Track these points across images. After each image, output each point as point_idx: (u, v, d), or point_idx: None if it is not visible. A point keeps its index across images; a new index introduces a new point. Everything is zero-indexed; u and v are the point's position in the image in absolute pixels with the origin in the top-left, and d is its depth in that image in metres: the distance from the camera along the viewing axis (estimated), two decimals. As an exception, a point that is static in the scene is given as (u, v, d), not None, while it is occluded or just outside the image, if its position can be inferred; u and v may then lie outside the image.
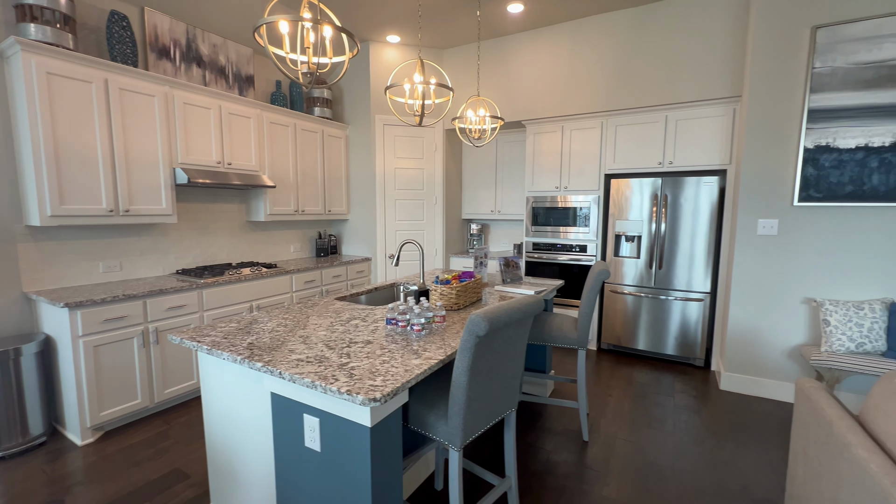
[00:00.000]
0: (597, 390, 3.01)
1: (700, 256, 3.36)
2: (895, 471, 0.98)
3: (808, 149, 2.65)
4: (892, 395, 1.19)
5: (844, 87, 2.53)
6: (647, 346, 3.63)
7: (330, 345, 1.51)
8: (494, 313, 1.24)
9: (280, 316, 1.92)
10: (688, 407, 2.76)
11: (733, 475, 2.05)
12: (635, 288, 3.65)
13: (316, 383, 1.18)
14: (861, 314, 2.48)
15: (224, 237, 3.52)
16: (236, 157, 3.25)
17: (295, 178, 3.79)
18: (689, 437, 2.39)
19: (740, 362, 2.99)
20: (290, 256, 4.14)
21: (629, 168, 3.62)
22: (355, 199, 4.42)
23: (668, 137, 3.44)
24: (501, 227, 4.95)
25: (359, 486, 1.21)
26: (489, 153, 4.67)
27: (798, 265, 2.76)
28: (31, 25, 2.24)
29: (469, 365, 1.26)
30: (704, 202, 3.30)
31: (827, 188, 2.62)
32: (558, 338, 2.33)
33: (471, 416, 1.33)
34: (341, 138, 4.30)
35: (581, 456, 2.21)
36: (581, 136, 3.81)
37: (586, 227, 3.84)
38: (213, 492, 1.76)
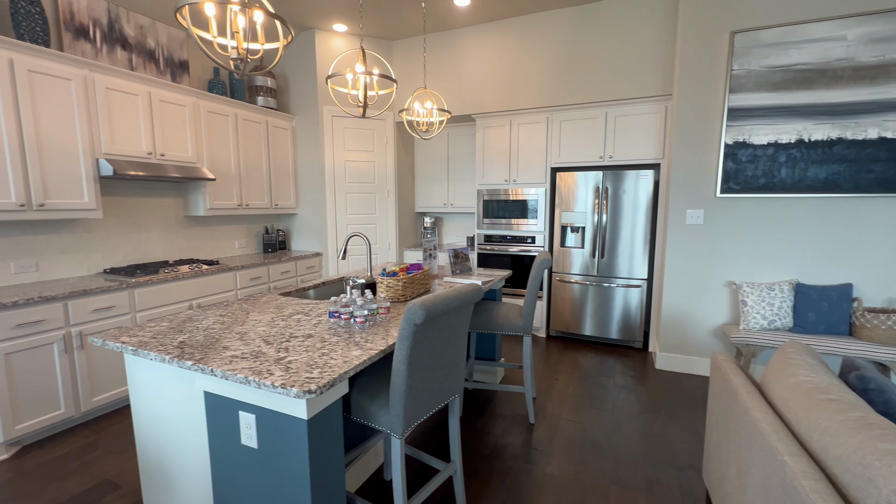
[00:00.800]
0: (544, 375, 3.14)
1: (639, 245, 3.57)
2: (781, 428, 1.11)
3: (728, 144, 2.89)
4: (782, 364, 1.34)
5: (758, 88, 2.78)
6: (592, 331, 3.82)
7: (268, 340, 1.47)
8: (431, 302, 1.27)
9: (217, 313, 1.85)
10: (626, 386, 2.95)
11: (662, 446, 2.22)
12: (581, 277, 3.82)
13: (250, 379, 1.15)
14: (772, 294, 2.76)
15: (159, 233, 3.30)
16: (170, 148, 3.05)
17: (237, 171, 3.62)
18: (626, 414, 2.56)
19: (673, 342, 3.23)
20: (234, 253, 3.96)
21: (573, 162, 3.78)
22: (304, 193, 4.29)
23: (609, 133, 3.62)
24: (455, 220, 5.00)
25: (298, 481, 1.20)
26: (441, 146, 4.69)
27: (721, 251, 3.01)
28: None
29: (408, 353, 1.28)
30: (642, 194, 3.51)
31: (744, 181, 2.87)
32: (504, 326, 2.40)
33: (412, 403, 1.35)
34: (287, 129, 4.15)
35: (527, 438, 2.31)
36: (528, 130, 3.92)
37: (535, 219, 3.97)
38: (146, 500, 1.67)
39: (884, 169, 2.57)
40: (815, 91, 2.66)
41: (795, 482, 0.92)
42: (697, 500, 1.82)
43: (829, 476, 0.95)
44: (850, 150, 2.62)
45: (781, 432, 1.09)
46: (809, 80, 2.67)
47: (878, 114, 2.55)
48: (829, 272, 2.77)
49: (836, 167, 2.66)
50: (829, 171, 2.68)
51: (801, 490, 0.89)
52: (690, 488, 1.89)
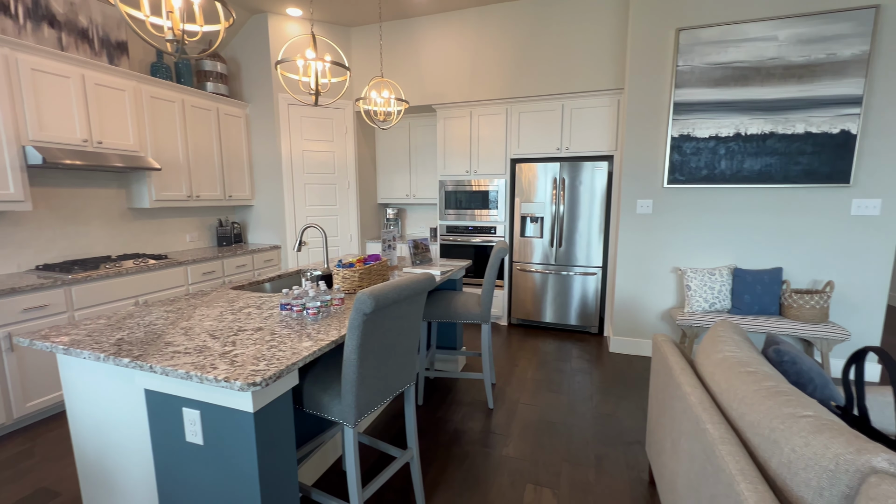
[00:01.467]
0: (505, 362, 3.22)
1: (595, 234, 3.71)
2: (707, 400, 1.20)
3: (674, 137, 3.03)
4: (712, 342, 1.44)
5: (700, 83, 2.93)
6: (552, 318, 3.95)
7: (215, 335, 1.43)
8: (381, 291, 1.27)
9: (161, 309, 1.77)
10: (582, 370, 3.08)
11: (612, 424, 2.34)
12: (541, 266, 3.92)
13: (192, 374, 1.12)
14: (713, 279, 2.94)
15: (100, 227, 3.10)
16: (108, 135, 2.86)
17: (186, 160, 3.44)
18: (580, 396, 2.67)
19: (625, 327, 3.39)
20: (185, 247, 3.78)
21: (532, 153, 3.85)
22: (260, 184, 4.14)
23: (565, 125, 3.71)
24: (417, 212, 4.99)
25: (246, 475, 1.18)
26: (402, 137, 4.65)
27: (668, 239, 3.18)
28: None
29: (358, 343, 1.28)
30: (597, 185, 3.63)
31: (688, 172, 3.03)
32: (463, 314, 2.44)
33: (364, 392, 1.36)
34: (240, 117, 3.98)
35: (486, 423, 2.37)
36: (488, 121, 3.95)
37: (496, 209, 4.03)
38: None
39: (809, 161, 2.78)
40: (750, 88, 2.84)
41: (714, 447, 1.00)
42: (641, 472, 1.94)
43: (743, 440, 1.04)
44: (781, 143, 2.82)
45: (706, 403, 1.18)
46: (746, 78, 2.84)
47: (804, 110, 2.75)
48: (762, 257, 2.98)
49: (768, 159, 2.86)
50: (762, 163, 2.87)
51: (719, 454, 0.98)
52: (636, 462, 2.01)
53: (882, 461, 0.74)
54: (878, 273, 2.77)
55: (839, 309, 2.87)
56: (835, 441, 0.81)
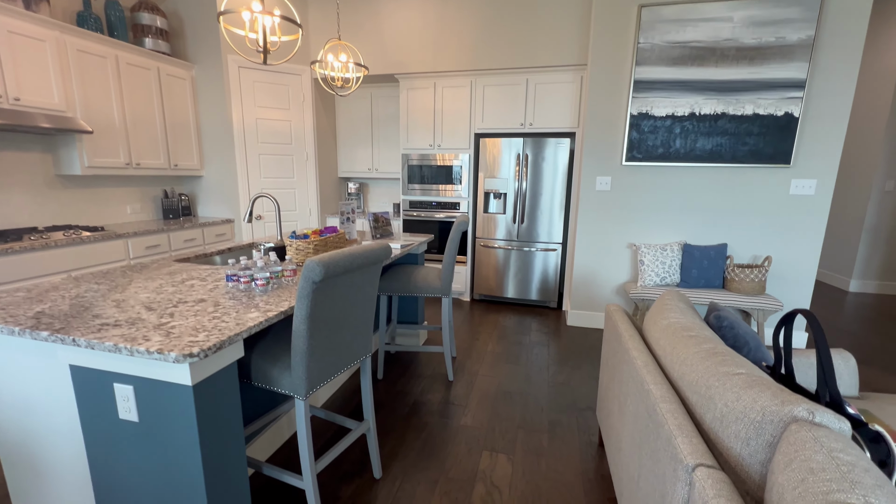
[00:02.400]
0: (466, 336, 3.25)
1: (556, 211, 3.76)
2: (651, 363, 1.25)
3: (633, 115, 3.09)
4: (660, 309, 1.50)
5: (659, 62, 2.97)
6: (514, 293, 4.01)
7: (151, 307, 1.33)
8: (332, 259, 1.22)
9: (91, 282, 1.63)
10: (540, 342, 3.16)
11: (566, 392, 2.43)
12: (504, 242, 3.95)
13: (120, 346, 1.03)
14: (665, 254, 3.07)
15: (23, 195, 2.80)
16: (27, 92, 2.56)
17: (123, 125, 3.15)
18: (537, 367, 2.75)
19: (582, 301, 3.50)
20: (126, 219, 3.51)
21: (496, 128, 3.81)
22: (210, 153, 3.88)
23: (529, 100, 3.69)
24: (380, 187, 4.87)
25: (188, 453, 1.12)
26: (363, 107, 4.47)
27: (625, 215, 3.27)
28: None
29: (308, 313, 1.22)
30: (560, 162, 3.66)
31: (645, 150, 3.11)
32: (423, 287, 2.42)
33: (315, 364, 1.31)
34: (186, 80, 3.67)
35: (445, 394, 2.39)
36: (452, 93, 3.86)
37: (460, 185, 3.99)
38: (13, 493, 1.48)
39: (755, 142, 2.92)
40: (706, 68, 2.91)
41: (656, 406, 1.05)
42: (592, 435, 2.03)
43: (683, 399, 1.09)
44: (731, 124, 2.93)
45: (651, 366, 1.22)
46: (702, 58, 2.91)
47: (754, 92, 2.86)
48: (710, 234, 3.14)
49: (719, 139, 2.97)
50: (714, 143, 2.98)
51: (660, 412, 1.02)
52: (587, 426, 2.10)
53: (802, 410, 0.78)
54: (810, 249, 2.98)
55: (774, 282, 3.08)
56: (762, 395, 0.86)
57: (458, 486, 1.68)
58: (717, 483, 0.76)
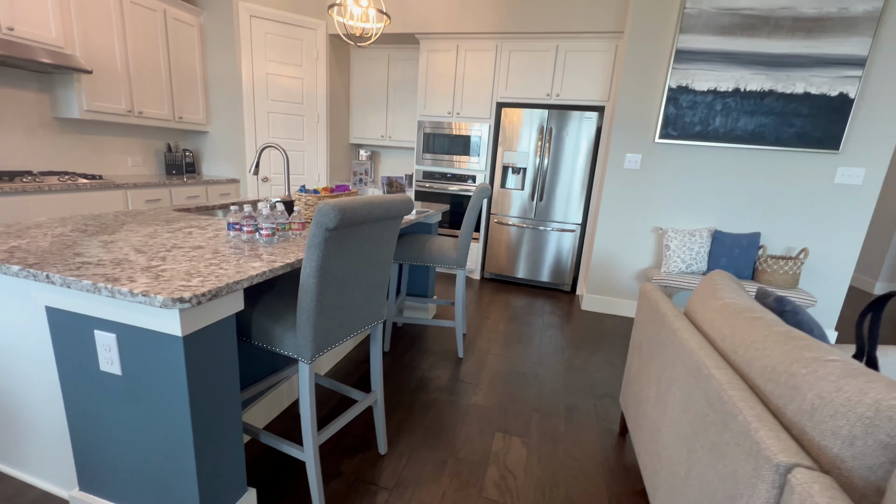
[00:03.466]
0: (476, 314, 3.11)
1: (576, 190, 3.57)
2: (707, 346, 1.09)
3: (671, 88, 2.86)
4: (709, 289, 1.33)
5: (706, 30, 2.73)
6: (525, 274, 3.85)
7: (141, 249, 1.18)
8: (349, 205, 1.05)
9: (81, 222, 1.48)
10: (553, 325, 3.02)
11: (583, 377, 2.30)
12: (518, 219, 3.77)
13: (100, 286, 0.88)
14: (692, 240, 2.89)
15: (17, 136, 2.64)
16: (22, 22, 2.36)
17: (126, 68, 2.95)
18: (551, 349, 2.61)
19: (599, 285, 3.34)
20: (126, 171, 3.35)
21: (520, 98, 3.59)
22: (217, 108, 3.68)
23: (558, 69, 3.45)
24: (393, 156, 4.67)
25: (175, 413, 0.99)
26: (380, 70, 4.24)
27: (652, 197, 3.08)
28: None
29: (318, 264, 1.07)
30: (584, 137, 3.45)
31: (682, 127, 2.89)
32: (439, 258, 2.26)
33: (323, 325, 1.16)
34: (193, 26, 3.45)
35: (454, 371, 2.26)
36: (476, 58, 3.62)
37: (477, 156, 3.79)
38: (-10, 444, 1.36)
39: (803, 124, 2.69)
40: (756, 39, 2.67)
41: (722, 393, 0.89)
42: (612, 424, 1.90)
43: (751, 387, 0.94)
44: (779, 102, 2.71)
45: (708, 349, 1.07)
46: (753, 27, 2.66)
47: (807, 68, 2.63)
48: (743, 221, 2.95)
49: (764, 119, 2.75)
50: (757, 123, 2.76)
51: (728, 399, 0.86)
52: (606, 413, 1.97)
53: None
54: (850, 244, 2.79)
55: (807, 276, 2.90)
56: (873, 386, 0.70)
57: (468, 467, 1.56)
58: (828, 490, 0.60)
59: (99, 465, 1.14)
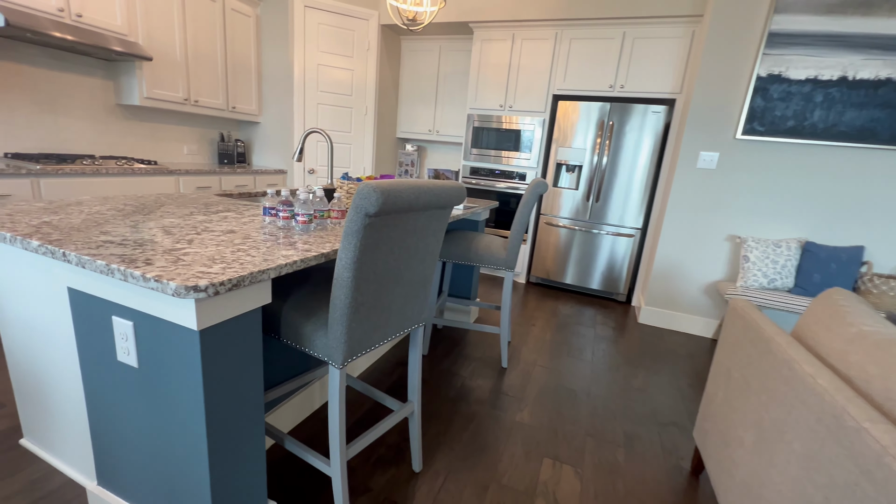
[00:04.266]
0: (521, 320, 2.89)
1: (636, 191, 3.25)
2: (846, 388, 0.83)
3: (760, 77, 2.50)
4: (833, 312, 1.06)
5: (808, 9, 2.35)
6: (574, 280, 3.58)
7: (170, 231, 1.09)
8: (394, 187, 0.90)
9: (121, 202, 1.43)
10: (607, 337, 2.74)
11: (644, 400, 2.02)
12: (570, 221, 3.51)
13: (113, 267, 0.78)
14: (777, 252, 2.51)
15: (83, 121, 2.74)
16: (91, 9, 2.43)
17: (184, 57, 3.01)
18: (606, 365, 2.35)
19: (660, 297, 3.01)
20: (182, 159, 3.43)
21: (579, 89, 3.32)
22: (269, 99, 3.71)
23: (623, 58, 3.15)
24: (439, 151, 4.53)
25: (189, 415, 0.87)
26: (431, 61, 4.11)
27: (728, 201, 2.72)
28: None
29: (356, 256, 0.92)
30: (649, 133, 3.13)
31: (770, 122, 2.52)
32: (486, 257, 2.08)
33: (358, 325, 1.02)
34: (250, 17, 3.48)
35: (498, 382, 2.07)
36: (532, 47, 3.40)
37: (528, 153, 3.56)
38: (24, 425, 1.34)
39: (930, 119, 2.26)
40: (873, 18, 2.26)
41: (885, 460, 0.65)
42: (682, 458, 1.63)
43: (926, 453, 0.68)
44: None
45: (848, 392, 0.81)
46: (869, 5, 2.26)
47: (939, 52, 2.19)
48: (842, 232, 2.53)
49: (876, 113, 2.33)
50: (867, 118, 2.35)
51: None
52: (674, 446, 1.70)
53: None
54: (983, 264, 2.31)
55: (923, 301, 2.44)
56: None
57: (513, 496, 1.36)
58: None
59: (116, 460, 1.05)
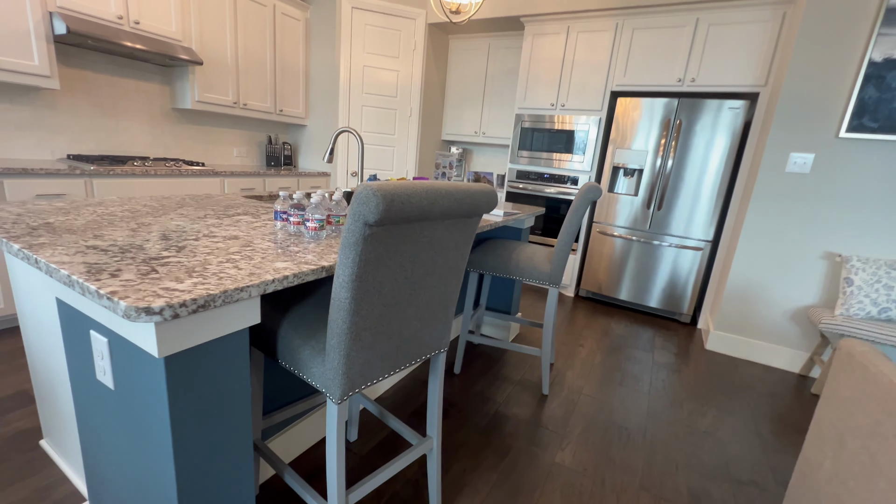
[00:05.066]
0: (567, 339, 2.62)
1: (707, 198, 2.85)
2: None
3: (874, 62, 2.06)
4: None
5: (945, -25, 1.90)
6: (630, 296, 3.23)
7: (168, 235, 0.99)
8: (403, 190, 0.72)
9: (142, 202, 1.39)
10: (667, 365, 2.39)
11: (713, 448, 1.70)
12: (627, 230, 3.17)
13: (74, 278, 0.68)
14: (892, 276, 2.05)
15: (140, 124, 2.86)
16: (148, 16, 2.52)
17: (235, 61, 3.07)
18: (666, 400, 2.02)
19: (733, 321, 2.60)
20: (232, 161, 3.52)
21: (641, 85, 2.99)
22: (315, 101, 3.72)
23: (695, 48, 2.79)
24: (485, 154, 4.33)
25: (158, 451, 0.75)
26: (479, 60, 3.93)
27: (825, 212, 2.28)
28: None
29: (355, 272, 0.76)
30: (724, 132, 2.73)
31: (886, 116, 2.07)
32: (527, 270, 1.85)
33: (359, 354, 0.86)
34: (300, 21, 3.51)
35: (537, 412, 1.83)
36: (589, 40, 3.11)
37: (581, 155, 3.27)
38: (44, 426, 1.33)
39: None
40: None
41: None
42: (765, 533, 1.31)
43: None
44: None
45: None
46: None
47: None
48: (984, 253, 2.02)
49: None
50: None
51: None
52: (753, 514, 1.38)
53: None
54: None
55: None
56: None
57: (546, 563, 1.14)
58: None
59: (102, 482, 0.97)
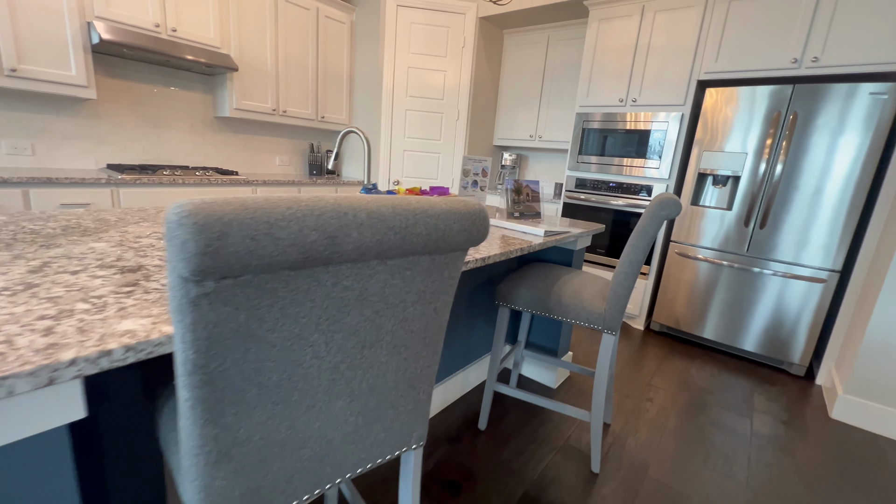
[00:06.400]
0: (631, 390, 2.08)
1: (830, 214, 2.16)
2: None
3: None
4: None
5: None
6: (717, 334, 2.57)
7: (50, 263, 0.74)
8: (252, 212, 0.38)
9: (89, 216, 1.20)
10: (774, 440, 1.77)
11: None
12: (716, 253, 2.54)
13: None
14: None
15: (183, 133, 2.86)
16: (185, 23, 2.48)
17: (275, 68, 2.98)
18: (772, 491, 1.44)
19: (873, 382, 1.89)
20: (274, 170, 3.45)
21: (739, 70, 2.38)
22: (359, 107, 3.55)
23: (819, 17, 2.13)
24: (541, 160, 3.87)
25: None
26: (536, 55, 3.51)
27: None
28: None
29: (191, 358, 0.42)
30: (860, 125, 2.04)
31: None
32: (572, 309, 1.41)
33: (233, 481, 0.52)
34: (345, 24, 3.37)
35: (581, 498, 1.37)
36: (670, 20, 2.56)
37: (657, 159, 2.70)
38: None
39: None
40: None
41: None
42: None
43: None
44: None
45: None
46: None
47: None
48: None
49: None
50: None
51: None
52: None
53: None
54: None
55: None
56: None
57: None
58: None
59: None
